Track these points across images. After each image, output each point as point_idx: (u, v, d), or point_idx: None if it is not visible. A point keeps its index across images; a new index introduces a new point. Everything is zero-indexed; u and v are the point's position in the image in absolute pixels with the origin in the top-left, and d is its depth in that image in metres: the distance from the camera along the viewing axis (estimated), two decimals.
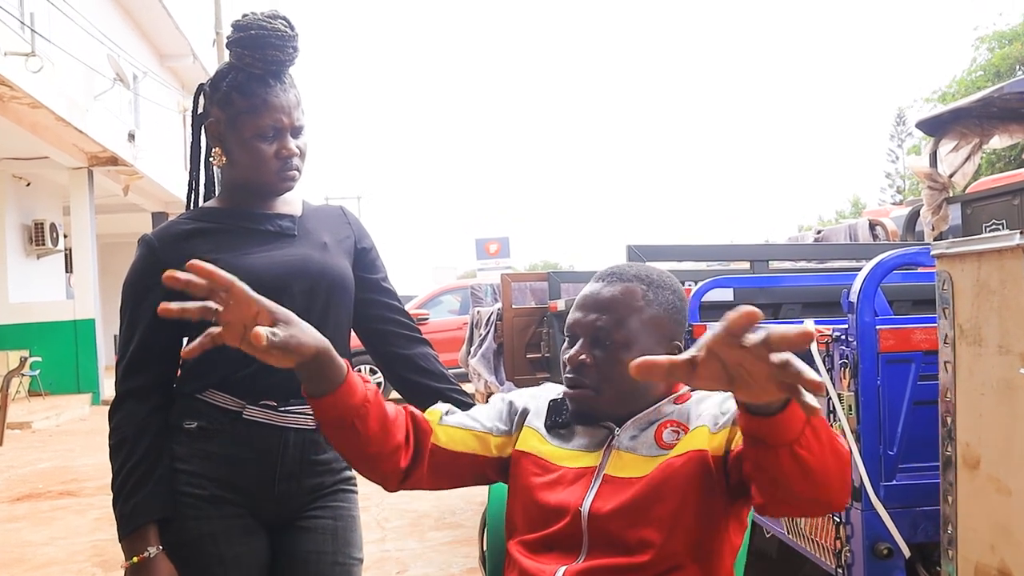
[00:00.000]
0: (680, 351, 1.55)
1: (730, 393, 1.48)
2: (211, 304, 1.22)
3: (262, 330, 1.22)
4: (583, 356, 1.51)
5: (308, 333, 1.32)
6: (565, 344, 1.59)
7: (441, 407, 1.63)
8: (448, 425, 1.58)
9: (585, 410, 1.53)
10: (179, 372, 1.78)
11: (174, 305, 1.19)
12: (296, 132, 1.77)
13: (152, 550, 1.64)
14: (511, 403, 1.66)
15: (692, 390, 1.57)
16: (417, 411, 1.58)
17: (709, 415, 1.47)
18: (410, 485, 1.55)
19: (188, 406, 1.73)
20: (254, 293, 1.26)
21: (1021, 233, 1.22)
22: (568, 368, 1.54)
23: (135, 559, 1.64)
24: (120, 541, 1.67)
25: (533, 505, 1.52)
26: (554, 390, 1.65)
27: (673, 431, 1.49)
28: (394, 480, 1.52)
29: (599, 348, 1.51)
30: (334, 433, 1.43)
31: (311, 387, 1.37)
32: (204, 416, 1.71)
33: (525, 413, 1.63)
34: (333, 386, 1.36)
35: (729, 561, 1.47)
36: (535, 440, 1.58)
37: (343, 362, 1.37)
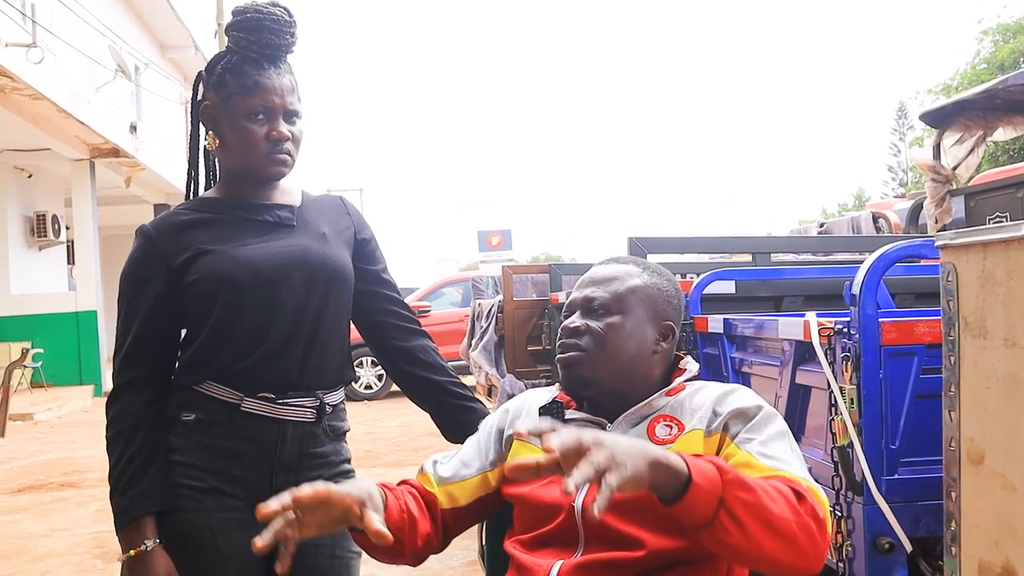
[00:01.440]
0: (672, 332, 1.59)
1: (727, 389, 1.48)
2: (290, 519, 1.29)
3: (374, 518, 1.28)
4: (576, 323, 1.56)
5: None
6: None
7: (429, 468, 1.63)
8: (447, 484, 1.60)
9: (576, 373, 1.54)
10: (176, 363, 1.76)
11: (260, 542, 1.26)
12: (289, 116, 1.75)
13: (149, 543, 1.63)
14: (498, 427, 1.66)
15: (687, 380, 1.57)
16: (417, 484, 1.60)
17: (703, 415, 1.46)
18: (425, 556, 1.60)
19: (185, 398, 1.72)
20: (340, 491, 1.32)
21: None
22: (563, 336, 1.57)
23: (132, 552, 1.63)
24: (117, 534, 1.66)
25: (528, 507, 1.52)
26: (539, 396, 1.66)
27: (666, 425, 1.49)
28: (417, 558, 1.56)
29: (592, 317, 1.56)
30: (383, 553, 1.48)
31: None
32: (202, 408, 1.70)
33: (511, 431, 1.63)
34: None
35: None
36: (526, 451, 1.57)
37: (379, 492, 1.43)
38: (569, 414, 1.58)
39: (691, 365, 1.60)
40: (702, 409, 1.47)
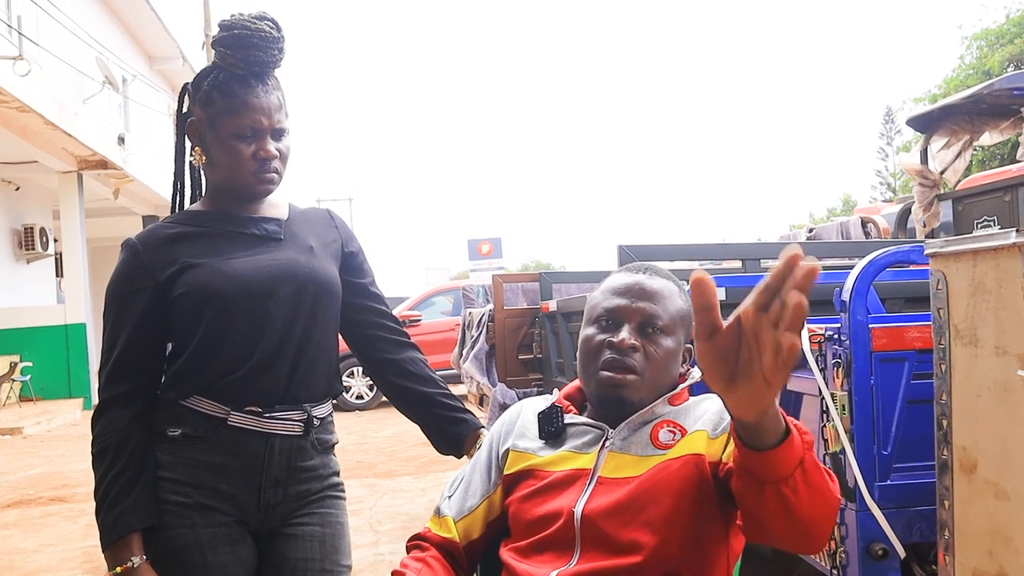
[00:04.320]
0: (691, 352, 1.57)
1: None
2: None
3: None
4: (632, 341, 1.49)
5: None
6: (593, 329, 1.55)
7: (445, 510, 1.62)
8: (461, 519, 1.60)
9: (626, 398, 1.49)
10: (163, 378, 1.75)
11: None
12: (277, 134, 1.74)
13: (136, 560, 1.62)
14: (495, 448, 1.65)
15: (690, 392, 1.57)
16: (436, 538, 1.59)
17: (709, 420, 1.45)
18: None
19: (172, 413, 1.70)
20: None
21: (1017, 231, 1.20)
22: (612, 351, 1.50)
23: (118, 569, 1.61)
24: (103, 551, 1.64)
25: (525, 514, 1.51)
26: (534, 404, 1.65)
27: (670, 431, 1.48)
28: None
29: (645, 336, 1.51)
30: None
31: None
32: (188, 423, 1.69)
33: (507, 444, 1.62)
34: None
35: (731, 566, 1.44)
36: (522, 461, 1.57)
37: None
38: (568, 418, 1.57)
39: (694, 372, 1.59)
40: (707, 415, 1.47)
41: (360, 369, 11.82)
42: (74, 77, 13.09)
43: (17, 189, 14.34)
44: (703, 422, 1.46)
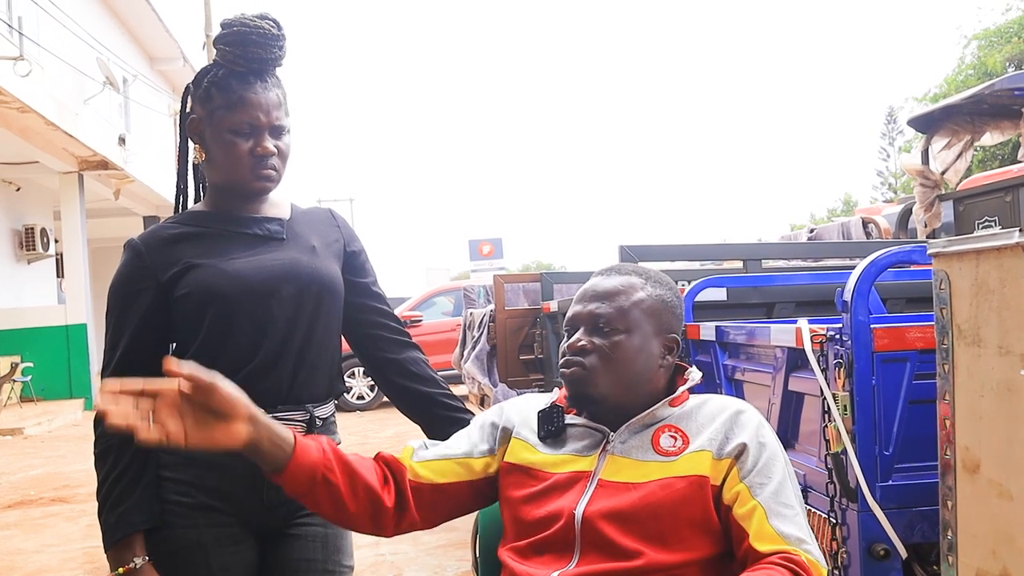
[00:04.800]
0: (677, 344, 1.57)
1: (736, 408, 1.47)
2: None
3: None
4: (582, 341, 1.53)
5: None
6: (564, 339, 1.59)
7: (414, 443, 1.63)
8: (425, 460, 1.59)
9: (582, 391, 1.52)
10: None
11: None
12: (275, 132, 1.74)
13: (138, 560, 1.62)
14: (492, 421, 1.65)
15: (691, 391, 1.56)
16: (387, 454, 1.59)
17: (712, 436, 1.45)
18: (405, 527, 1.56)
19: None
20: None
21: (1021, 231, 1.20)
22: (568, 354, 1.54)
23: (121, 569, 1.61)
24: (106, 551, 1.65)
25: (525, 515, 1.50)
26: (538, 400, 1.65)
27: (671, 436, 1.47)
28: (387, 523, 1.54)
29: (598, 334, 1.53)
30: (310, 496, 1.47)
31: (269, 463, 1.45)
32: None
33: (510, 426, 1.62)
34: (287, 454, 1.43)
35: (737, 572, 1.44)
36: (525, 452, 1.56)
37: (287, 430, 1.46)
38: (569, 419, 1.57)
39: (694, 374, 1.59)
40: (711, 428, 1.46)
41: (361, 369, 11.83)
42: (75, 77, 13.10)
43: (18, 190, 14.35)
44: (707, 439, 1.45)
